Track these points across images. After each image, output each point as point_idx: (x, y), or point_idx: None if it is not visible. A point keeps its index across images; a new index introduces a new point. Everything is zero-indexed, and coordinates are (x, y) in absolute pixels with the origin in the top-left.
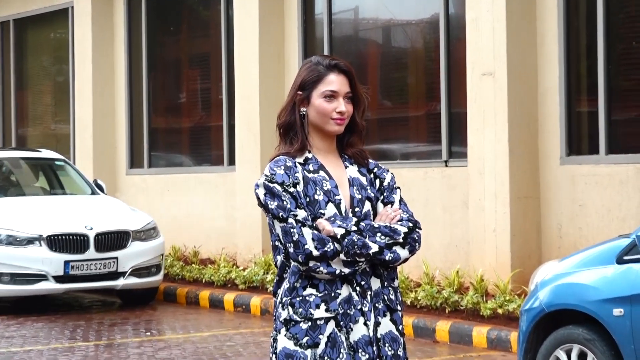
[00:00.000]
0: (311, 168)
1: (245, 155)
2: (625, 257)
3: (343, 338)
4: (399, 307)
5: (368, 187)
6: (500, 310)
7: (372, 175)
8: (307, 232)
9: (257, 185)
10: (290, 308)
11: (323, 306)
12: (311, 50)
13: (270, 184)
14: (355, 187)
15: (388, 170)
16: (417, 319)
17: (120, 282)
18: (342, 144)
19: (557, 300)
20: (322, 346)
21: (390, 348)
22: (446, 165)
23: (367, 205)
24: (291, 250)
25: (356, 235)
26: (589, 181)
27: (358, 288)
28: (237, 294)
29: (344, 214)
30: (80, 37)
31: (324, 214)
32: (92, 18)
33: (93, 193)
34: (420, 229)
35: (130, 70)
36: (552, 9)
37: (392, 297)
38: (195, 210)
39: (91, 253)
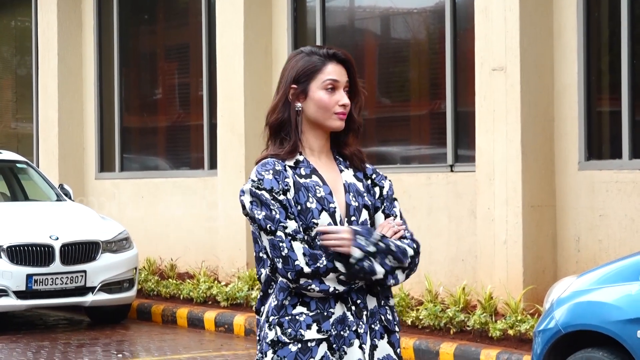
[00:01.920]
0: (303, 172)
1: (228, 158)
2: None
3: None
4: (396, 328)
5: (365, 194)
6: (511, 332)
7: (369, 182)
8: (298, 247)
9: (243, 192)
10: (278, 328)
11: (315, 326)
12: (302, 42)
13: (257, 191)
14: (351, 194)
15: (386, 177)
16: (419, 340)
17: (89, 299)
18: (338, 144)
19: (575, 321)
20: None
21: None
22: (452, 170)
23: (365, 214)
24: (280, 265)
25: (367, 262)
26: (610, 188)
27: (353, 307)
28: (218, 312)
29: (338, 224)
30: (44, 26)
31: (317, 224)
32: (58, 5)
33: (59, 199)
34: (419, 253)
35: (101, 63)
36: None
37: (390, 317)
38: (173, 219)
39: (57, 266)
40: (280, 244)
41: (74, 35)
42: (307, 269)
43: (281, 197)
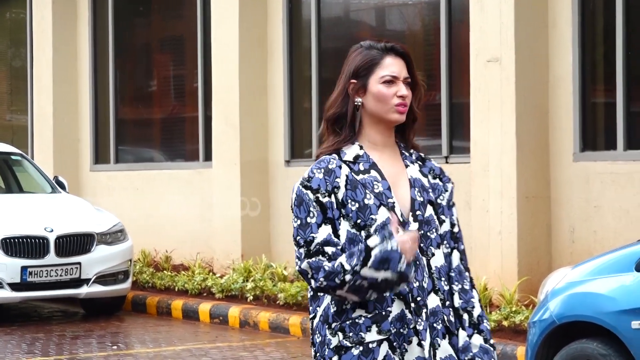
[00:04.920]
0: (361, 167)
1: (223, 150)
2: None
3: None
4: (460, 332)
5: (430, 190)
6: (505, 323)
7: (437, 180)
8: (306, 265)
9: (294, 188)
10: (340, 334)
11: (374, 328)
12: (297, 34)
13: (303, 189)
14: (416, 189)
15: (450, 180)
16: None
17: (83, 290)
18: (403, 139)
19: (570, 312)
20: None
21: None
22: (447, 162)
23: (430, 210)
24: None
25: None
26: (605, 180)
27: (412, 304)
28: (213, 303)
29: (401, 219)
30: (39, 18)
31: (375, 220)
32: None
33: (53, 191)
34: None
35: (96, 55)
36: None
37: (452, 318)
38: (168, 210)
39: (51, 258)
40: (297, 260)
41: (69, 27)
42: (313, 284)
43: (324, 199)
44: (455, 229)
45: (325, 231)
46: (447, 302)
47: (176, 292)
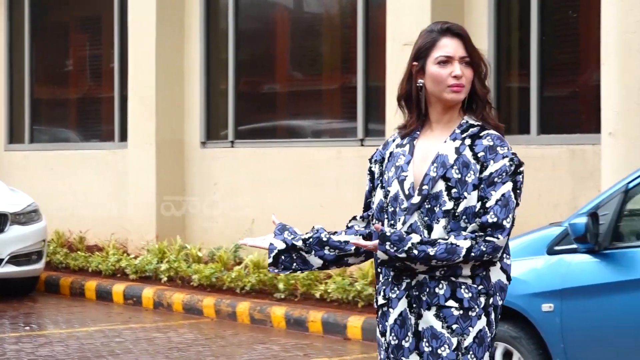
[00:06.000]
0: (404, 142)
1: (139, 130)
2: (557, 248)
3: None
4: (447, 303)
5: (454, 167)
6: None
7: (475, 159)
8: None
9: None
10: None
11: (381, 294)
12: (214, 15)
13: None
14: (435, 165)
15: (504, 157)
16: (327, 313)
17: None
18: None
19: None
20: None
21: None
22: (362, 145)
23: (440, 186)
24: None
25: (399, 263)
26: None
27: (392, 272)
28: (127, 284)
29: (406, 193)
30: None
31: (390, 192)
32: None
33: None
34: (494, 236)
35: (11, 33)
36: None
37: (440, 291)
38: (82, 191)
39: None
40: None
41: None
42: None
43: (374, 168)
44: (488, 204)
45: (376, 195)
46: (437, 276)
47: (90, 273)
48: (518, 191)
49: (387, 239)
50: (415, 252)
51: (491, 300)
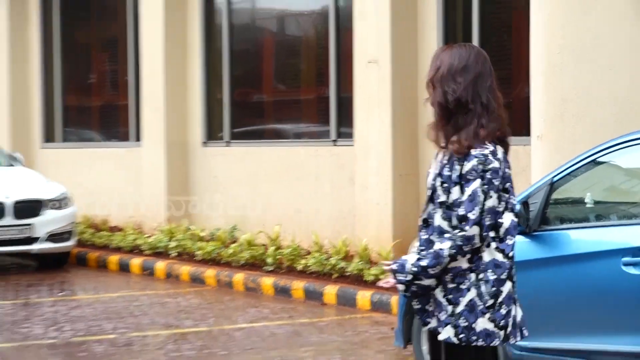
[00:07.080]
0: None
1: (151, 132)
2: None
3: None
4: (437, 311)
5: (447, 166)
6: (382, 276)
7: (457, 160)
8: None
9: None
10: None
11: None
12: (213, 36)
13: None
14: (430, 175)
15: (474, 158)
16: (308, 283)
17: (35, 247)
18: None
19: None
20: None
21: None
22: (335, 145)
23: (437, 182)
24: None
25: (414, 286)
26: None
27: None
28: (143, 259)
29: (427, 187)
30: None
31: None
32: (10, 5)
33: (11, 165)
34: (463, 228)
35: (45, 52)
36: (431, 5)
37: (440, 298)
38: (105, 182)
39: (8, 220)
40: None
41: (22, 30)
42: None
43: None
44: (462, 199)
45: None
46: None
47: (112, 249)
48: (486, 186)
49: (394, 272)
50: (415, 269)
51: (481, 275)
